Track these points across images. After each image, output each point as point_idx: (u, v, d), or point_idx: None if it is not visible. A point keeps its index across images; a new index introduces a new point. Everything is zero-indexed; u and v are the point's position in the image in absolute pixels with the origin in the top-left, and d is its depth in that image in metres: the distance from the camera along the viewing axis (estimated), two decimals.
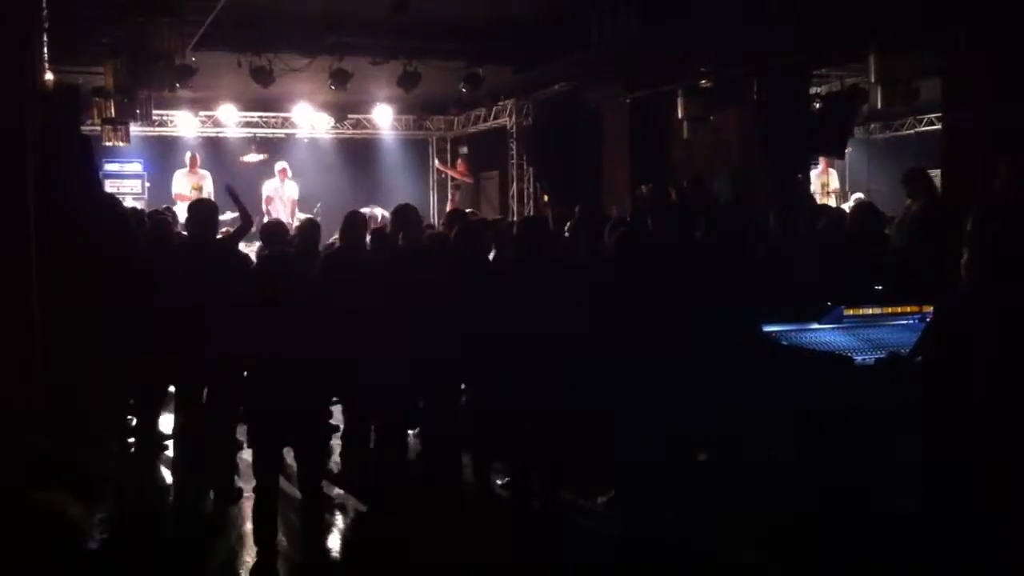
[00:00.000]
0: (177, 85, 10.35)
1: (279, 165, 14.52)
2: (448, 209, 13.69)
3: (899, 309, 5.22)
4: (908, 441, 4.08)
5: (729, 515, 5.12)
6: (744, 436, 5.19)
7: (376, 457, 6.34)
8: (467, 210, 10.69)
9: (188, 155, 14.28)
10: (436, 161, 17.81)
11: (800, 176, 10.89)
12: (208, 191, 13.46)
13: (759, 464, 5.23)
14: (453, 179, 16.75)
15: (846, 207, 11.84)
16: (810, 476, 4.77)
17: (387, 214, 12.20)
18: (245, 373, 5.14)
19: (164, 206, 11.00)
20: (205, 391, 5.88)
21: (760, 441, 5.18)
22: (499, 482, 6.04)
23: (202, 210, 6.17)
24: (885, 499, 4.46)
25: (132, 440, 6.72)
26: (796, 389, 4.75)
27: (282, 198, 14.25)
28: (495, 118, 15.86)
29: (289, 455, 5.45)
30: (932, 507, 2.86)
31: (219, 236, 6.35)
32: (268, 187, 14.28)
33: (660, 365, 5.06)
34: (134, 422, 6.77)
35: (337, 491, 6.08)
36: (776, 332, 5.03)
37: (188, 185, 13.77)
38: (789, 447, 5.03)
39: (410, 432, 6.71)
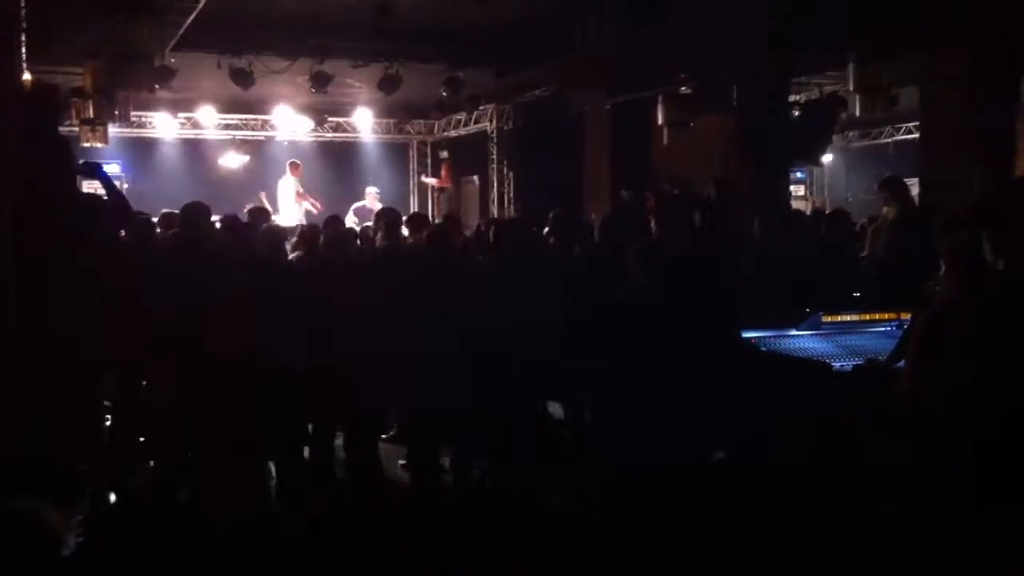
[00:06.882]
0: (156, 86, 10.29)
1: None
2: (440, 216, 13.78)
3: (877, 316, 5.25)
4: (885, 445, 4.10)
5: (720, 516, 5.12)
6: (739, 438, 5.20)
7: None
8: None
9: (288, 163, 14.01)
10: (423, 177, 17.67)
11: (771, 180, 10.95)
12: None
13: (745, 466, 5.23)
14: (434, 187, 16.75)
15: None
16: (793, 480, 4.79)
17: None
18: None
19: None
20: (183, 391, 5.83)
21: (745, 444, 5.19)
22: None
23: (191, 210, 6.18)
24: (862, 502, 4.48)
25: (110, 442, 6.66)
26: (775, 394, 4.77)
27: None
28: (476, 122, 15.85)
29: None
30: (924, 508, 2.89)
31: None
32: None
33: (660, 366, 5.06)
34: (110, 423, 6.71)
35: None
36: (755, 338, 5.05)
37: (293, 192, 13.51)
38: (772, 451, 5.04)
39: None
